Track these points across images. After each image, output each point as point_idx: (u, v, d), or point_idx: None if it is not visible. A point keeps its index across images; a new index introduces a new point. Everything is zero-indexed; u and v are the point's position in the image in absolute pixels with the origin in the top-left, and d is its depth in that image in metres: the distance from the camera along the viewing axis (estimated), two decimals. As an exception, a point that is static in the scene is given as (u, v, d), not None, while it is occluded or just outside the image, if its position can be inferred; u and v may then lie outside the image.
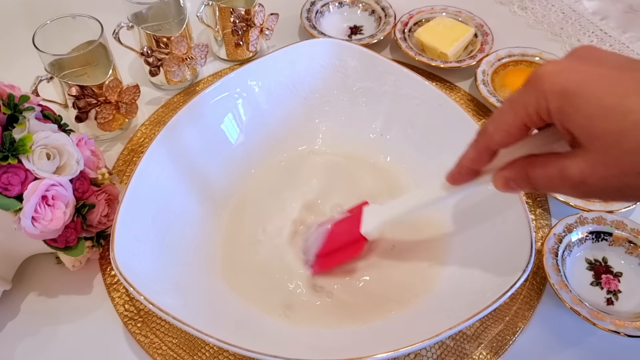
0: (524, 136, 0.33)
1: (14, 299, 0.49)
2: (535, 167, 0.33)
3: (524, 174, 0.33)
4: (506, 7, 0.79)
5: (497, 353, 0.46)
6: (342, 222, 0.49)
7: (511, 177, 0.34)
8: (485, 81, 0.64)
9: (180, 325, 0.38)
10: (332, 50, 0.57)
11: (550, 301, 0.49)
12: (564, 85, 0.29)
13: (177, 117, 0.51)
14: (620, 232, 0.50)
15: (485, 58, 0.66)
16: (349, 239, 0.47)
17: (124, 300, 0.49)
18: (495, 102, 0.61)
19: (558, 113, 0.29)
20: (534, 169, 0.33)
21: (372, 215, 0.46)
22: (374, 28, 0.74)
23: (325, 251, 0.48)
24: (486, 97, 0.62)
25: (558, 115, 0.29)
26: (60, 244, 0.45)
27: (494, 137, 0.34)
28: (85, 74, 0.58)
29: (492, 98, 0.62)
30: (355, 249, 0.47)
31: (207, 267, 0.49)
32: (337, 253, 0.48)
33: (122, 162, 0.60)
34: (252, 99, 0.57)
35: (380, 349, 0.37)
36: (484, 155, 0.35)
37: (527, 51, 0.67)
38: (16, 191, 0.42)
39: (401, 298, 0.47)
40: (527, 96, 0.31)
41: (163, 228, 0.47)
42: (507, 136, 0.33)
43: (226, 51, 0.70)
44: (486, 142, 0.34)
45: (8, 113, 0.43)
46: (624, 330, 0.44)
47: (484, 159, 0.36)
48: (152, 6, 0.61)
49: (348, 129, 0.59)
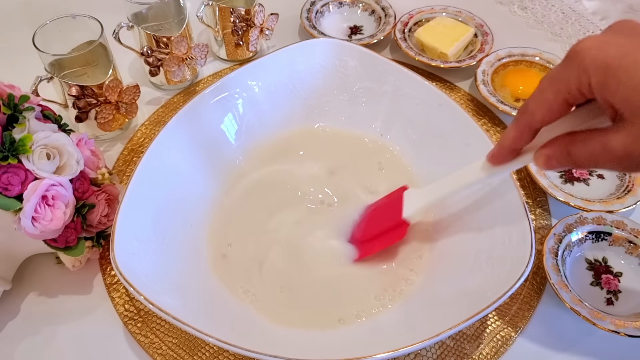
0: (565, 113, 0.33)
1: (14, 299, 0.49)
2: (577, 143, 0.33)
3: (565, 151, 0.33)
4: (506, 7, 0.79)
5: (497, 353, 0.46)
6: (382, 207, 0.49)
7: (552, 155, 0.34)
8: (485, 81, 0.64)
9: (180, 325, 0.38)
10: (332, 50, 0.57)
11: (550, 301, 0.49)
12: (605, 59, 0.29)
13: (177, 117, 0.51)
14: (620, 232, 0.50)
15: (485, 58, 0.66)
16: (391, 223, 0.47)
17: (124, 300, 0.49)
18: (495, 102, 0.61)
19: (600, 87, 0.29)
20: (576, 145, 0.33)
21: (414, 199, 0.47)
22: (374, 28, 0.74)
23: (367, 236, 0.49)
24: (486, 97, 0.62)
25: (600, 89, 0.30)
26: (60, 244, 0.45)
27: (535, 115, 0.34)
28: (85, 74, 0.58)
29: (492, 98, 0.62)
30: (398, 234, 0.47)
31: (207, 267, 0.49)
32: (380, 238, 0.48)
33: (122, 162, 0.60)
34: (252, 99, 0.57)
35: (380, 349, 0.37)
36: (525, 134, 0.35)
37: (527, 51, 0.67)
38: (16, 191, 0.42)
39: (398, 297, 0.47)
40: (568, 72, 0.31)
41: (163, 228, 0.47)
42: (549, 113, 0.33)
43: (226, 51, 0.70)
44: (528, 120, 0.34)
45: (8, 113, 0.43)
46: (624, 330, 0.44)
47: (525, 138, 0.36)
48: (152, 6, 0.61)
49: (348, 129, 0.59)
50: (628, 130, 0.29)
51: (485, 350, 0.46)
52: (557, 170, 0.36)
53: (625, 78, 0.28)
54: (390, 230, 0.48)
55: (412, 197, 0.47)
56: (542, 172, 0.55)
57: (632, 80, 0.28)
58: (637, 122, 0.29)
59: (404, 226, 0.47)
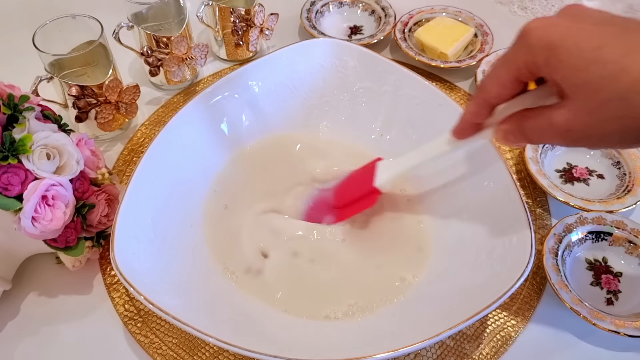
0: (519, 90, 0.35)
1: (14, 299, 0.49)
2: (528, 118, 0.35)
3: (519, 126, 0.36)
4: (506, 7, 0.79)
5: (497, 353, 0.46)
6: (356, 176, 0.52)
7: (509, 130, 0.37)
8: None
9: (180, 325, 0.38)
10: (332, 50, 0.57)
11: (550, 301, 0.49)
12: (549, 39, 0.31)
13: (177, 117, 0.51)
14: (620, 232, 0.50)
15: (485, 58, 0.66)
16: (364, 191, 0.50)
17: (124, 300, 0.49)
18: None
19: (545, 66, 0.31)
20: (527, 120, 0.35)
21: (385, 169, 0.50)
22: (374, 28, 0.74)
23: (341, 202, 0.52)
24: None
25: (545, 67, 0.32)
26: (60, 244, 0.45)
27: (490, 92, 0.36)
28: (85, 74, 0.58)
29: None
30: (369, 200, 0.50)
31: (207, 267, 0.49)
32: (353, 204, 0.51)
33: (122, 162, 0.60)
34: (252, 99, 0.57)
35: (380, 349, 0.37)
36: (483, 109, 0.38)
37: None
38: (16, 191, 0.42)
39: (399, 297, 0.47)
40: (517, 51, 0.33)
41: (163, 228, 0.47)
42: (503, 90, 0.35)
43: (226, 51, 0.70)
44: (484, 96, 0.37)
45: (8, 113, 0.43)
46: (624, 330, 0.44)
47: (483, 113, 0.38)
48: (152, 6, 0.61)
49: (348, 129, 0.59)
50: (569, 106, 0.31)
51: (485, 350, 0.46)
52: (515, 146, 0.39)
53: (565, 57, 0.30)
54: (363, 198, 0.50)
55: (383, 167, 0.50)
56: (542, 172, 0.55)
57: (571, 59, 0.30)
58: (576, 98, 0.31)
59: (375, 194, 0.49)
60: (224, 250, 0.51)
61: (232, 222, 0.53)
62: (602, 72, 0.29)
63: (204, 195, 0.53)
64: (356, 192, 0.51)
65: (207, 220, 0.52)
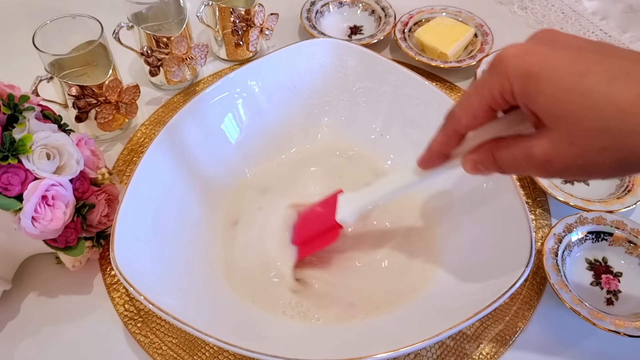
0: (490, 119, 0.34)
1: (14, 299, 0.49)
2: (501, 148, 0.33)
3: (490, 156, 0.34)
4: (506, 7, 0.79)
5: (497, 353, 0.46)
6: (318, 210, 0.49)
7: (479, 160, 0.35)
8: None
9: (180, 325, 0.38)
10: (332, 50, 0.57)
11: (550, 301, 0.49)
12: (526, 67, 0.29)
13: (177, 117, 0.51)
14: (620, 232, 0.50)
15: (485, 58, 0.66)
16: (325, 226, 0.47)
17: (124, 300, 0.49)
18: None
19: (522, 95, 0.30)
20: (500, 150, 0.34)
21: (347, 202, 0.47)
22: (374, 28, 0.74)
23: (302, 238, 0.49)
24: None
25: (522, 97, 0.30)
26: (60, 244, 0.45)
27: (461, 121, 0.35)
28: (85, 74, 0.58)
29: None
30: (331, 236, 0.47)
31: (207, 266, 0.49)
32: (315, 240, 0.48)
33: (122, 162, 0.60)
34: (252, 99, 0.57)
35: (380, 349, 0.37)
36: (452, 139, 0.36)
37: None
38: (16, 191, 0.42)
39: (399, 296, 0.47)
40: (492, 79, 0.31)
41: (163, 228, 0.47)
42: (474, 119, 0.34)
43: (226, 51, 0.70)
44: (454, 125, 0.35)
45: (8, 113, 0.43)
46: (624, 330, 0.44)
47: (452, 142, 0.37)
48: (152, 6, 0.61)
49: (348, 129, 0.59)
50: (547, 137, 0.30)
51: (485, 350, 0.46)
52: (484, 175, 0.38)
53: (544, 86, 0.29)
54: (325, 232, 0.48)
55: (345, 200, 0.47)
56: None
57: (550, 89, 0.29)
58: (556, 129, 0.30)
59: (336, 228, 0.47)
60: (225, 250, 0.51)
61: (233, 221, 0.53)
62: (585, 102, 0.28)
63: (204, 195, 0.53)
64: (318, 226, 0.48)
65: (207, 220, 0.52)
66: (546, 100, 0.29)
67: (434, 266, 0.48)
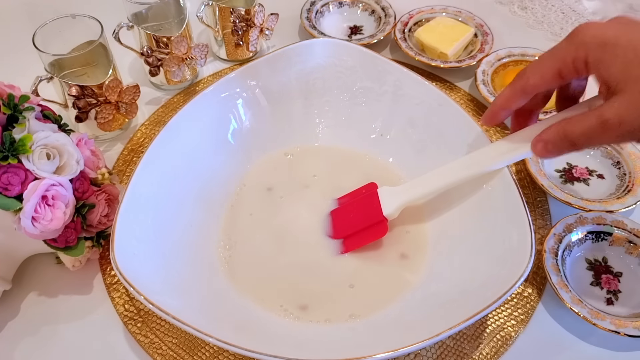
0: (556, 85, 0.37)
1: (14, 299, 0.49)
2: (573, 123, 0.36)
3: (561, 132, 0.36)
4: (506, 7, 0.79)
5: (497, 353, 0.46)
6: (358, 204, 0.51)
7: (549, 139, 0.37)
8: (485, 81, 0.64)
9: (180, 325, 0.38)
10: (332, 50, 0.57)
11: (550, 301, 0.49)
12: (604, 38, 0.33)
13: (177, 117, 0.51)
14: (620, 232, 0.50)
15: (485, 58, 0.66)
16: (371, 221, 0.49)
17: (124, 300, 0.49)
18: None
19: (596, 63, 0.34)
20: (572, 125, 0.36)
21: (391, 197, 0.49)
22: (374, 28, 0.74)
23: (344, 233, 0.50)
24: (486, 97, 0.62)
25: (596, 65, 0.34)
26: (60, 244, 0.45)
27: (529, 80, 0.38)
28: (85, 74, 0.58)
29: (492, 98, 0.62)
30: (379, 230, 0.49)
31: (207, 266, 0.49)
32: (360, 234, 0.50)
33: (122, 162, 0.60)
34: (252, 99, 0.57)
35: (380, 349, 0.37)
36: (517, 95, 0.39)
37: (527, 51, 0.67)
38: (16, 191, 0.42)
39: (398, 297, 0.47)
40: (567, 46, 0.35)
41: (163, 228, 0.47)
42: (541, 80, 0.37)
43: (226, 51, 0.70)
44: (522, 82, 0.38)
45: (8, 113, 0.43)
46: (624, 330, 0.44)
47: (517, 99, 0.39)
48: (152, 6, 0.61)
49: (348, 129, 0.59)
50: (620, 100, 0.33)
51: (485, 350, 0.46)
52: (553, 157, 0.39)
53: (620, 53, 0.33)
54: (371, 227, 0.49)
55: (388, 194, 0.50)
56: (542, 172, 0.55)
57: (626, 55, 0.32)
58: (628, 91, 0.32)
59: (384, 223, 0.49)
60: (225, 250, 0.51)
61: (233, 221, 0.53)
62: None
63: (204, 195, 0.53)
64: (363, 221, 0.50)
65: (207, 220, 0.52)
66: (620, 66, 0.32)
67: (434, 266, 0.48)
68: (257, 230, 0.52)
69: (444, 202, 0.51)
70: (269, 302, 0.47)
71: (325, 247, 0.50)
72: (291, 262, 0.50)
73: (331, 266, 0.49)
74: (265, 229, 0.52)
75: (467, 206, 0.49)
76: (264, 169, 0.57)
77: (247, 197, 0.55)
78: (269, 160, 0.57)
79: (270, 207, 0.54)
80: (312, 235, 0.51)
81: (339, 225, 0.51)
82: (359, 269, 0.49)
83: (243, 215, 0.53)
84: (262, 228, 0.52)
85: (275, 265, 0.50)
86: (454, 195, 0.51)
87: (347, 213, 0.52)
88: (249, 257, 0.50)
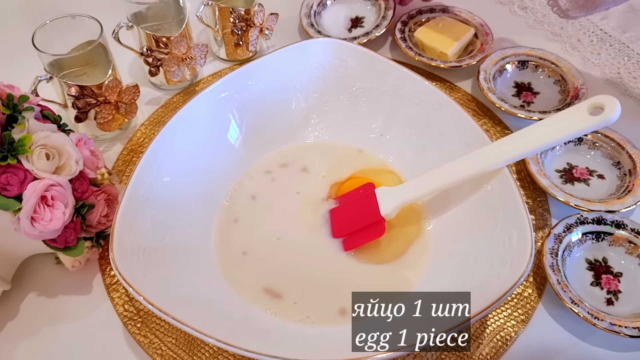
0: None
1: (14, 299, 0.49)
2: None
3: None
4: (506, 7, 0.79)
5: (497, 353, 0.46)
6: (356, 204, 0.51)
7: None
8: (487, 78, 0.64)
9: (180, 326, 0.38)
10: (331, 50, 0.57)
11: (550, 301, 0.49)
12: None
13: (177, 117, 0.51)
14: (620, 232, 0.50)
15: (485, 58, 0.66)
16: (369, 221, 0.49)
17: (123, 300, 0.49)
18: (495, 100, 0.61)
19: None
20: None
21: (389, 197, 0.49)
22: (375, 19, 0.73)
23: (344, 232, 0.50)
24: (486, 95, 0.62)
25: None
26: (59, 244, 0.45)
27: None
28: (84, 74, 0.58)
29: (493, 96, 0.62)
30: (377, 231, 0.49)
31: (206, 266, 0.49)
32: (359, 234, 0.50)
33: (122, 162, 0.60)
34: (252, 99, 0.57)
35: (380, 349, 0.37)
36: None
37: (527, 51, 0.67)
38: (15, 191, 0.42)
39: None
40: None
41: (163, 228, 0.47)
42: None
43: (226, 51, 0.70)
44: None
45: (7, 113, 0.43)
46: (624, 330, 0.44)
47: None
48: (151, 6, 0.61)
49: (348, 129, 0.59)
50: None
51: (485, 350, 0.46)
52: None
53: None
54: (369, 227, 0.49)
55: (386, 194, 0.49)
56: (542, 172, 0.55)
57: None
58: None
59: (381, 223, 0.49)
60: (224, 250, 0.51)
61: (232, 221, 0.53)
62: None
63: (204, 195, 0.53)
64: (359, 221, 0.50)
65: (207, 220, 0.52)
66: None
67: (433, 266, 0.48)
68: (256, 230, 0.52)
69: (444, 202, 0.51)
70: (268, 302, 0.47)
71: (325, 247, 0.51)
72: (291, 261, 0.50)
73: (331, 266, 0.50)
74: (265, 228, 0.52)
75: (467, 206, 0.49)
76: (263, 169, 0.57)
77: (246, 197, 0.55)
78: (268, 160, 0.57)
79: (269, 206, 0.54)
80: (312, 234, 0.52)
81: (338, 225, 0.51)
82: (359, 269, 0.49)
83: (243, 215, 0.53)
84: (261, 227, 0.52)
85: (274, 265, 0.50)
86: (454, 195, 0.51)
87: (345, 213, 0.52)
88: (249, 257, 0.50)
